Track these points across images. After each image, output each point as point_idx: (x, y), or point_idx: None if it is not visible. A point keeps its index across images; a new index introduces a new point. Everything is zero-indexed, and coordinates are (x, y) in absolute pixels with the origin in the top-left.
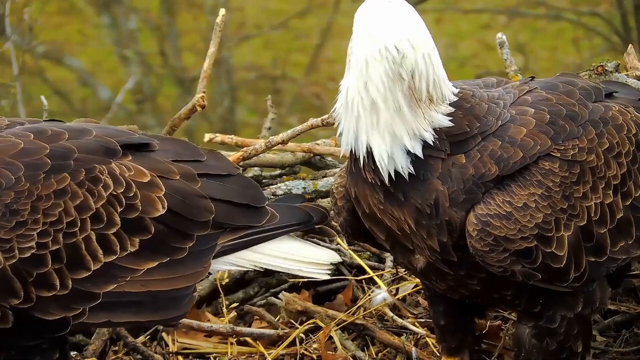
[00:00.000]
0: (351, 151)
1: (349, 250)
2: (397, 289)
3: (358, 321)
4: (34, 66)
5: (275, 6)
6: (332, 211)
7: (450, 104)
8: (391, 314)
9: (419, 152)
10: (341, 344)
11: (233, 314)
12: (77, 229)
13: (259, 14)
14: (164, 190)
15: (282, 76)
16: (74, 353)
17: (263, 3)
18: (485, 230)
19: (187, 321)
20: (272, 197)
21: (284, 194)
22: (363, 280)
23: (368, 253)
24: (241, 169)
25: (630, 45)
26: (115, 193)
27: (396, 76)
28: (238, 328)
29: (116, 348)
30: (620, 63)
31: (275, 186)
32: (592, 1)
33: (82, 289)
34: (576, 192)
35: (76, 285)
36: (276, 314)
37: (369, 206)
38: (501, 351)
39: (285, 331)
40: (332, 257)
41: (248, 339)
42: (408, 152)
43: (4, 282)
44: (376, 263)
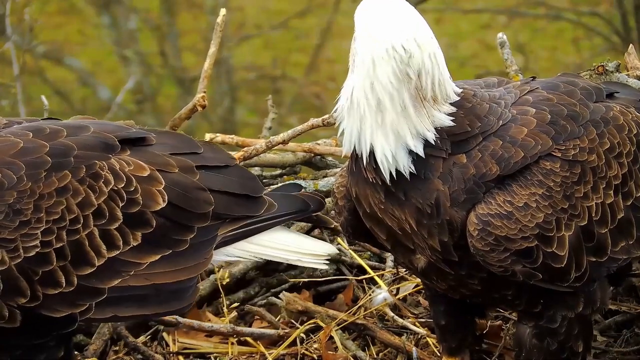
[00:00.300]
0: (352, 151)
1: (350, 250)
2: (398, 289)
3: (359, 321)
4: (34, 66)
5: (275, 6)
6: (333, 211)
7: (451, 104)
8: (392, 314)
9: (421, 152)
10: (342, 344)
11: (234, 314)
12: (80, 226)
13: (259, 14)
14: (164, 183)
15: (282, 76)
16: (75, 353)
17: (263, 3)
18: (486, 229)
19: (188, 321)
20: None
21: None
22: (364, 280)
23: (369, 253)
24: (237, 160)
25: (630, 45)
26: (116, 188)
27: (404, 76)
28: (239, 328)
29: (117, 348)
30: (620, 63)
31: (275, 186)
32: (592, 1)
33: (88, 285)
34: (577, 192)
35: (81, 281)
36: (277, 314)
37: (370, 206)
38: (502, 351)
39: (285, 331)
40: (329, 249)
41: (249, 339)
42: (410, 152)
43: (11, 282)
44: (377, 263)
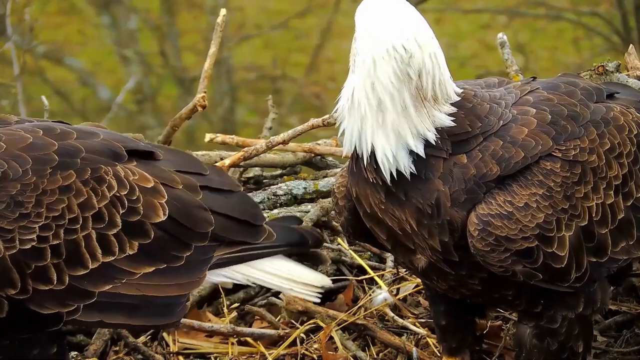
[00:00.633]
0: (353, 151)
1: (350, 250)
2: (398, 289)
3: (359, 321)
4: (35, 66)
5: (275, 6)
6: (333, 211)
7: (452, 104)
8: (392, 314)
9: (421, 152)
10: (342, 344)
11: (234, 314)
12: (79, 226)
13: (259, 14)
14: (166, 197)
15: (282, 76)
16: (75, 353)
17: (263, 3)
18: (486, 230)
19: (188, 321)
20: (273, 197)
21: (285, 194)
22: (364, 280)
23: (369, 253)
24: (242, 187)
25: (631, 45)
26: (118, 195)
27: (404, 76)
28: (239, 328)
29: (117, 348)
30: (620, 63)
31: (276, 186)
32: (592, 1)
33: (79, 286)
34: (577, 193)
35: (73, 281)
36: (277, 314)
37: (370, 206)
38: (502, 351)
39: (286, 331)
40: (324, 281)
41: (249, 339)
42: (410, 152)
43: (2, 272)
44: (377, 263)
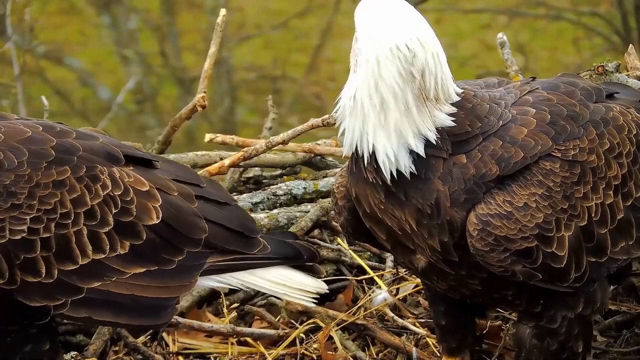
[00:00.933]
0: (353, 150)
1: (350, 250)
2: (398, 289)
3: (358, 321)
4: (35, 66)
5: (275, 6)
6: (333, 211)
7: (452, 104)
8: (392, 314)
9: (422, 152)
10: (341, 344)
11: (233, 314)
12: (70, 222)
13: (259, 14)
14: (160, 201)
15: (282, 76)
16: (74, 353)
17: (263, 3)
18: (485, 230)
19: (188, 321)
20: (273, 197)
21: (285, 194)
22: (363, 280)
23: (368, 253)
24: (238, 202)
25: (630, 45)
26: (112, 194)
27: (408, 75)
28: (238, 328)
29: (116, 348)
30: (620, 63)
31: (275, 186)
32: (593, 1)
33: (67, 281)
34: (577, 192)
35: (62, 276)
36: (276, 314)
37: (370, 206)
38: (502, 351)
39: (285, 331)
40: (319, 286)
41: (248, 339)
42: (411, 152)
43: None
44: (377, 263)
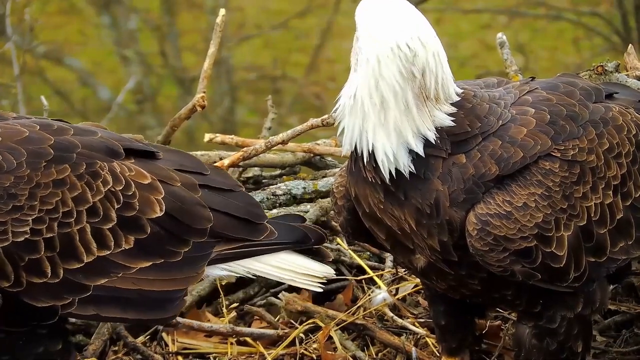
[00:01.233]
0: (352, 150)
1: (349, 250)
2: (397, 289)
3: (358, 321)
4: (35, 66)
5: (275, 6)
6: (333, 211)
7: (452, 104)
8: (391, 314)
9: (421, 151)
10: (341, 344)
11: (233, 314)
12: (73, 220)
13: (259, 14)
14: (163, 193)
15: (282, 76)
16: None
17: (263, 3)
18: (485, 229)
19: (187, 321)
20: (272, 197)
21: (284, 194)
22: (363, 280)
23: (368, 253)
24: (243, 188)
25: (630, 45)
26: (113, 190)
27: (409, 74)
28: (238, 328)
29: (116, 348)
30: (620, 63)
31: (275, 186)
32: (592, 1)
33: (73, 280)
34: (576, 192)
35: (67, 275)
36: (276, 314)
37: (369, 206)
38: (501, 351)
39: (285, 331)
40: (327, 271)
41: (248, 339)
42: (410, 151)
43: None
44: (376, 263)
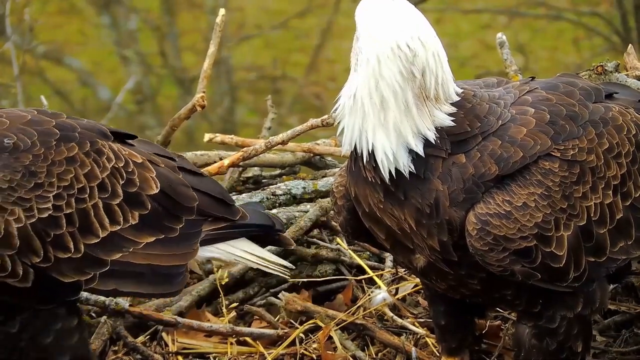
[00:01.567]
0: (352, 150)
1: (349, 250)
2: (397, 289)
3: (358, 321)
4: (34, 66)
5: (275, 6)
6: (332, 211)
7: (452, 104)
8: (391, 314)
9: (421, 151)
10: (341, 344)
11: (233, 314)
12: (87, 196)
13: (259, 14)
14: (155, 172)
15: (282, 76)
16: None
17: (263, 3)
18: (484, 229)
19: (187, 321)
20: (272, 197)
21: (284, 194)
22: (363, 280)
23: (368, 253)
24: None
25: (630, 45)
26: (117, 166)
27: (409, 74)
28: (238, 328)
29: (116, 348)
30: (620, 63)
31: (275, 186)
32: (592, 1)
33: (93, 255)
34: (576, 192)
35: (88, 250)
36: (276, 314)
37: (369, 205)
38: (501, 351)
39: (285, 331)
40: (289, 265)
41: (248, 339)
42: (410, 151)
43: (26, 240)
44: (376, 263)
